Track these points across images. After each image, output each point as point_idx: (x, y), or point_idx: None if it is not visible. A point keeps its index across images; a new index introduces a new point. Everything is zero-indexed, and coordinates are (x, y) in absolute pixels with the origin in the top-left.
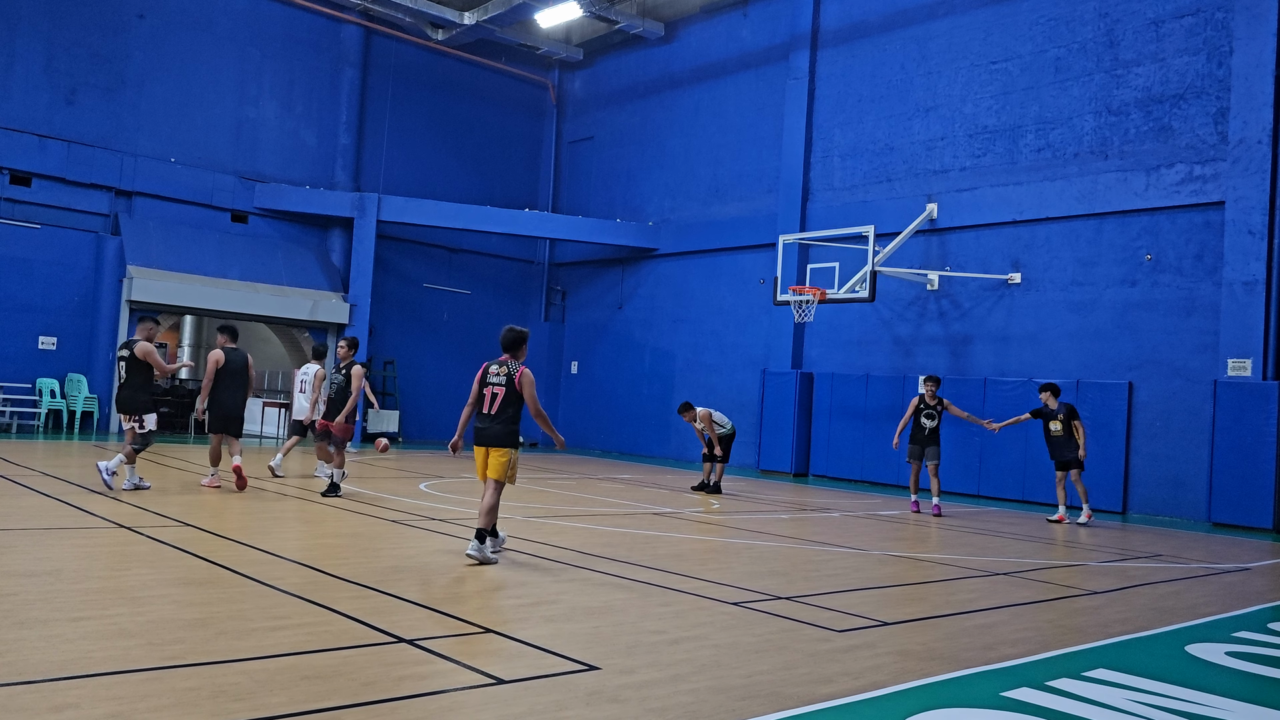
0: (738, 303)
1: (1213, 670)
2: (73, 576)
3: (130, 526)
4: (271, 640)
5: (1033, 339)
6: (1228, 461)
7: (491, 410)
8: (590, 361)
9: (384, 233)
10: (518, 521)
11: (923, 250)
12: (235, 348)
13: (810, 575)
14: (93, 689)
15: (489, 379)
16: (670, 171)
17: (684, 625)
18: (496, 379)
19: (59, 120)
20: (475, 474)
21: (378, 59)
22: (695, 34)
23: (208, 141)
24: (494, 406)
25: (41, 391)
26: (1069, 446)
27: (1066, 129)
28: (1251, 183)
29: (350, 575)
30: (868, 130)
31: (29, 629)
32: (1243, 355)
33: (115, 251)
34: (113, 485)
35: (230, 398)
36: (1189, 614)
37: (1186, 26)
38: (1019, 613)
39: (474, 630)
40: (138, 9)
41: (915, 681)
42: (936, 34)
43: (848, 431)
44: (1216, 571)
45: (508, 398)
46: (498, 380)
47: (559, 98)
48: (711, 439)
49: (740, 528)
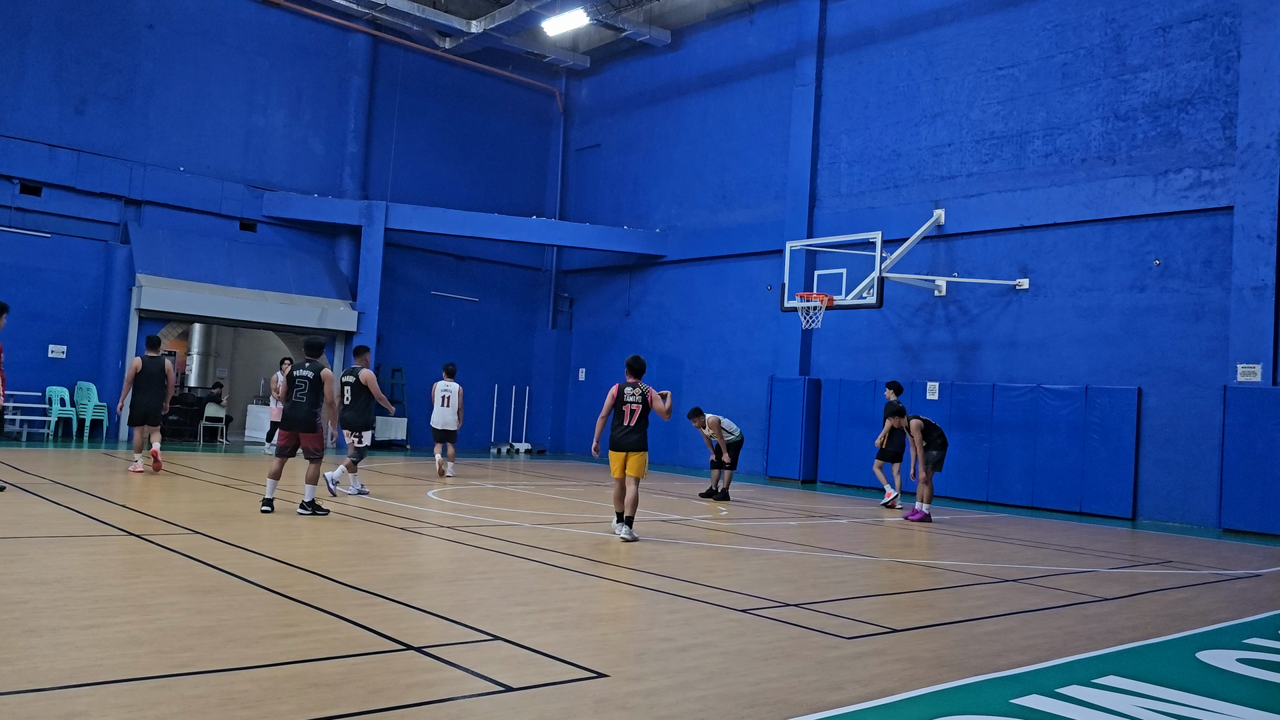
0: (745, 309)
1: (1224, 677)
2: (82, 584)
3: (139, 534)
4: (280, 648)
5: (1041, 345)
6: (1238, 467)
7: (631, 423)
8: (598, 369)
9: (392, 241)
10: (526, 529)
11: (930, 256)
12: (155, 355)
13: (818, 582)
14: (102, 696)
15: (626, 398)
16: (677, 178)
17: (692, 632)
18: (633, 398)
19: (69, 130)
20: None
21: (385, 68)
22: (702, 41)
23: (216, 150)
24: (634, 419)
25: (51, 400)
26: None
27: (1074, 134)
28: (1260, 188)
29: (358, 583)
30: (874, 136)
31: (39, 636)
32: (1253, 360)
33: (124, 260)
34: (335, 493)
35: (148, 398)
36: (1200, 620)
37: (1194, 32)
38: (1028, 619)
39: (482, 638)
40: (147, 19)
41: (924, 689)
42: (943, 40)
43: (856, 438)
44: (1227, 578)
45: (643, 412)
46: (634, 399)
47: (566, 105)
48: (720, 445)
49: (748, 534)
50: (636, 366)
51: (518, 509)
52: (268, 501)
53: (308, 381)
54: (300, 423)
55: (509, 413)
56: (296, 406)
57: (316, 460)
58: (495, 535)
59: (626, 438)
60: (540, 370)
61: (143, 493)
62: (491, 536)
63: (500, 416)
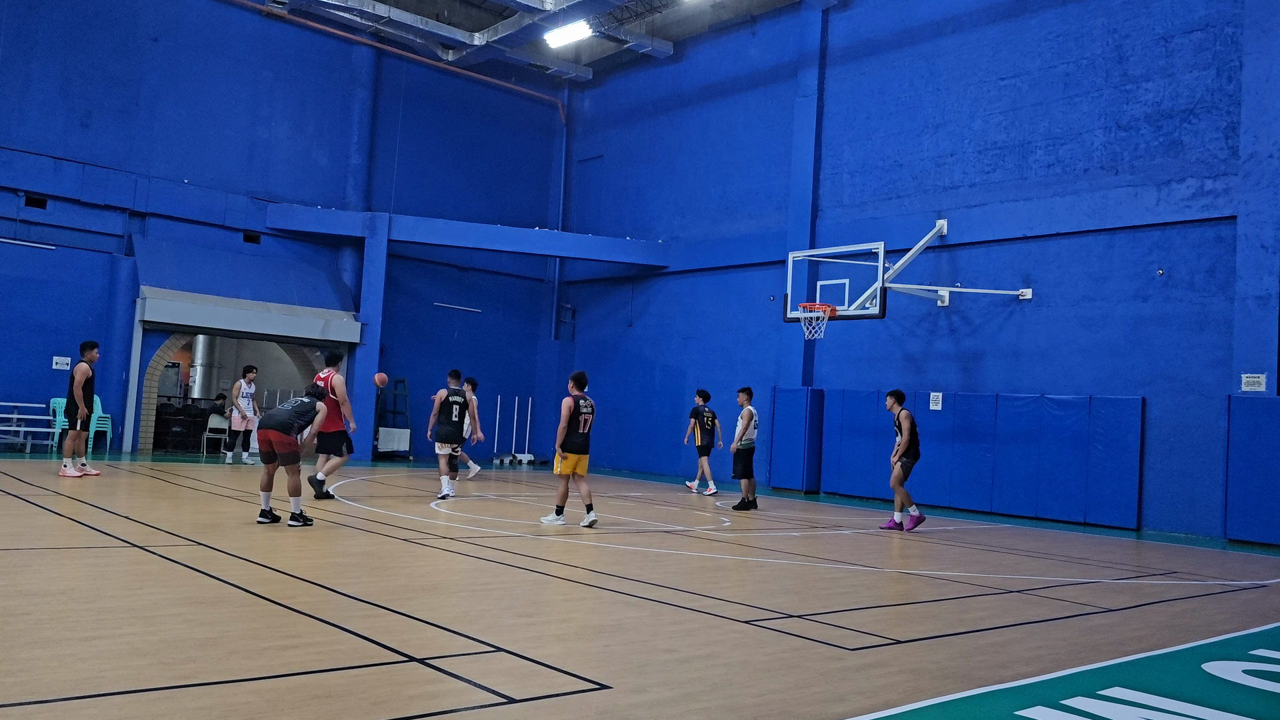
0: (748, 320)
1: (1230, 689)
2: (85, 596)
3: (143, 546)
4: (283, 659)
5: (1044, 355)
6: (1243, 477)
7: (587, 430)
8: (600, 379)
9: (395, 252)
10: (528, 540)
11: (933, 266)
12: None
13: (822, 593)
14: (105, 708)
15: (583, 409)
16: (680, 189)
17: (695, 644)
18: (587, 408)
19: (74, 142)
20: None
21: (389, 80)
22: (704, 53)
23: (220, 162)
24: (587, 427)
25: (55, 411)
26: (708, 436)
27: (1076, 144)
28: (1263, 197)
29: (361, 594)
30: (877, 147)
31: (42, 648)
32: (1257, 370)
33: (129, 272)
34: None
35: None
36: (1206, 632)
37: (1195, 42)
38: (1033, 631)
39: (485, 649)
40: (152, 33)
41: (928, 700)
42: (945, 51)
43: (859, 448)
44: (1233, 589)
45: (593, 421)
46: (588, 409)
47: (569, 117)
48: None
49: (751, 545)
50: (585, 380)
51: (520, 520)
52: (264, 513)
53: (302, 403)
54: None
55: (511, 423)
56: (274, 412)
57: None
58: (498, 546)
59: (586, 443)
60: (543, 381)
61: (146, 504)
62: (494, 547)
63: (503, 427)
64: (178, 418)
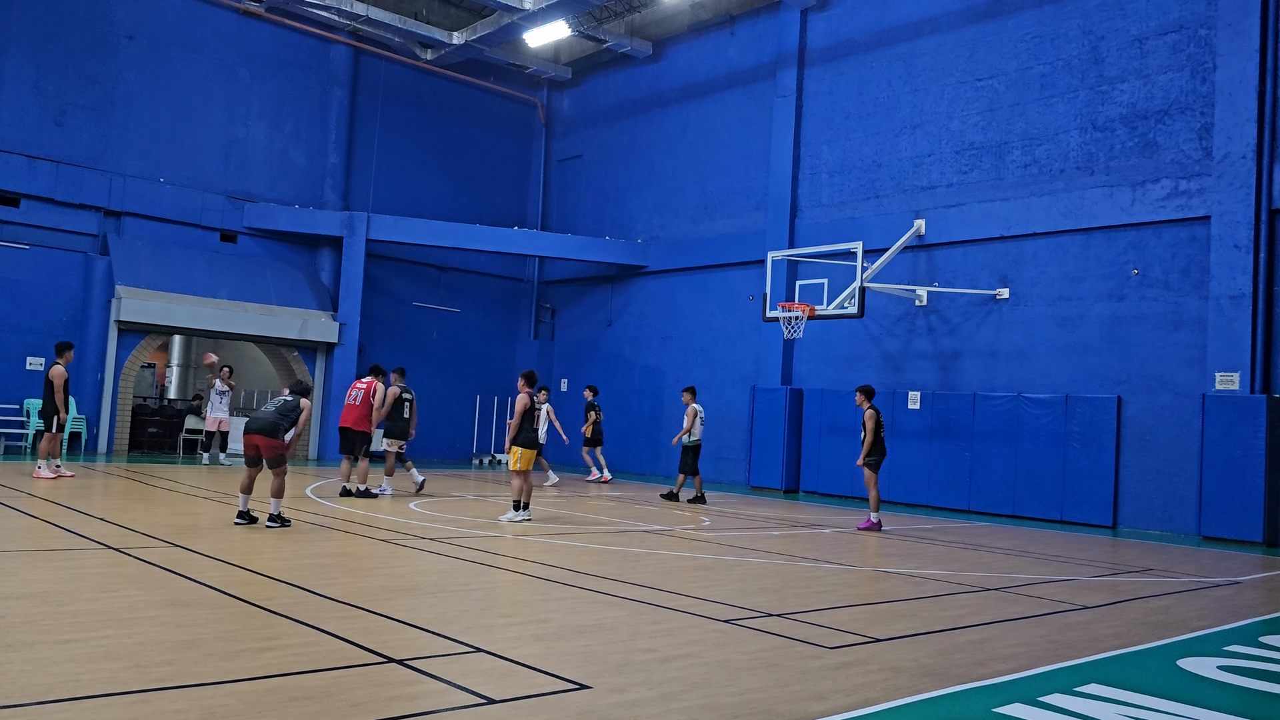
0: (727, 320)
1: (1205, 684)
2: (60, 599)
3: (118, 548)
4: (260, 661)
5: (1021, 354)
6: (1217, 475)
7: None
8: (580, 379)
9: (373, 252)
10: (507, 540)
11: (911, 266)
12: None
13: (801, 592)
14: (79, 712)
15: (538, 405)
16: (659, 189)
17: (675, 643)
18: (541, 405)
19: (48, 141)
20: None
21: (367, 79)
22: (683, 53)
23: (197, 162)
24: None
25: (29, 412)
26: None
27: (1052, 145)
28: (1236, 197)
29: (339, 595)
30: (855, 147)
31: (15, 652)
32: (1230, 369)
33: (104, 272)
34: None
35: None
36: (1181, 628)
37: (1170, 43)
38: (1010, 628)
39: (464, 650)
40: (127, 30)
41: (907, 698)
42: (923, 52)
43: (838, 447)
44: (1208, 585)
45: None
46: (541, 406)
47: (548, 116)
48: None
49: (731, 544)
50: (535, 378)
51: (499, 520)
52: (242, 514)
53: (285, 403)
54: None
55: (490, 423)
56: (258, 415)
57: (276, 469)
58: (477, 546)
59: (539, 438)
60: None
61: (122, 506)
62: (473, 548)
63: (482, 427)
64: (153, 418)
